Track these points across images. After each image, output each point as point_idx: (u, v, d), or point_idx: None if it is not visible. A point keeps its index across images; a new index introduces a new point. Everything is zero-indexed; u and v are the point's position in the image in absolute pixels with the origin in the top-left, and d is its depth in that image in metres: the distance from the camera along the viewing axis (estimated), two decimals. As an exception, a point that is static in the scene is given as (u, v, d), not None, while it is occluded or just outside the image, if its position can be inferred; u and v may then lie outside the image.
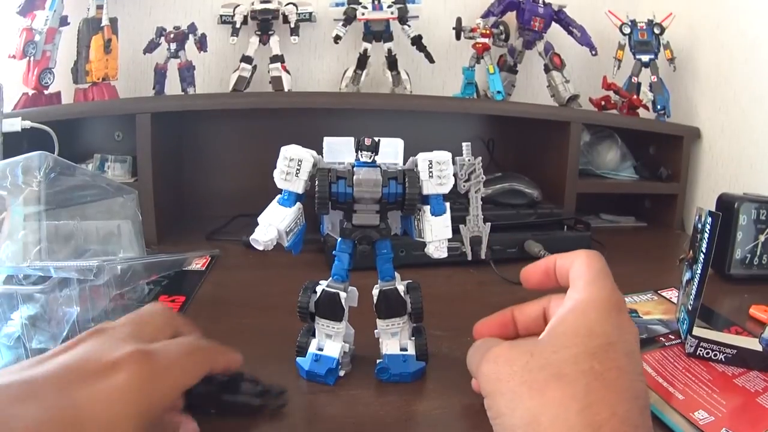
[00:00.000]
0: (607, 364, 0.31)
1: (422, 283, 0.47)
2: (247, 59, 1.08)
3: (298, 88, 1.17)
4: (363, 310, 0.47)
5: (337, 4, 1.10)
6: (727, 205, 0.75)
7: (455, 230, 0.47)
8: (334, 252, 0.46)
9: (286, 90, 1.07)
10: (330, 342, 0.47)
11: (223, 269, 0.77)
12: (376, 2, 1.09)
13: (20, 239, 0.59)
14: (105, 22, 1.00)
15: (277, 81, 1.07)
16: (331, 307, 0.46)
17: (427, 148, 0.45)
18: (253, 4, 1.09)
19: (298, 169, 0.44)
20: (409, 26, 1.12)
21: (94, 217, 0.68)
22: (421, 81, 1.22)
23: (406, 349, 0.47)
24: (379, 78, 1.16)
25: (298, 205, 0.45)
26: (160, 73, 1.08)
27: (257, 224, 0.43)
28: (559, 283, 0.40)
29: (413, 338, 0.48)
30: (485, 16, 1.17)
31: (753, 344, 0.51)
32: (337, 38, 1.09)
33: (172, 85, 1.09)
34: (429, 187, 0.44)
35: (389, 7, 1.10)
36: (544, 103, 1.19)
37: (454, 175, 0.46)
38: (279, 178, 0.44)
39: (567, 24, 1.17)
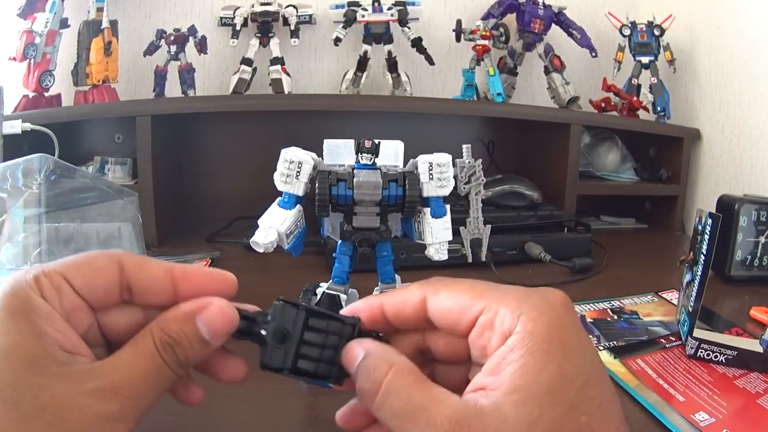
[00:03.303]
0: (591, 407, 0.24)
1: (423, 285, 0.47)
2: (247, 61, 1.08)
3: (298, 90, 1.17)
4: (363, 312, 0.47)
5: (337, 7, 1.10)
6: (727, 207, 0.75)
7: (455, 232, 0.47)
8: (334, 254, 0.46)
9: (286, 92, 1.07)
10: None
11: (224, 271, 0.77)
12: (376, 4, 1.10)
13: (20, 241, 0.59)
14: (105, 24, 1.00)
15: (277, 83, 1.07)
16: (331, 310, 0.46)
17: (427, 151, 0.45)
18: (253, 6, 1.09)
19: (298, 172, 0.44)
20: (409, 28, 1.12)
21: (95, 220, 0.68)
22: (421, 83, 1.22)
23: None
24: (379, 80, 1.16)
25: (299, 207, 0.45)
26: (160, 76, 1.08)
27: (257, 227, 0.43)
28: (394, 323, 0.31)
29: None
30: (485, 18, 1.17)
31: (754, 346, 0.51)
32: (337, 40, 1.09)
33: (172, 88, 1.09)
34: (429, 190, 0.44)
35: (389, 9, 1.10)
36: (544, 105, 1.19)
37: (455, 177, 0.46)
38: (279, 180, 0.44)
39: (567, 26, 1.17)
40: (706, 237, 0.53)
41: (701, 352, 0.51)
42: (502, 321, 0.26)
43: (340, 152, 0.46)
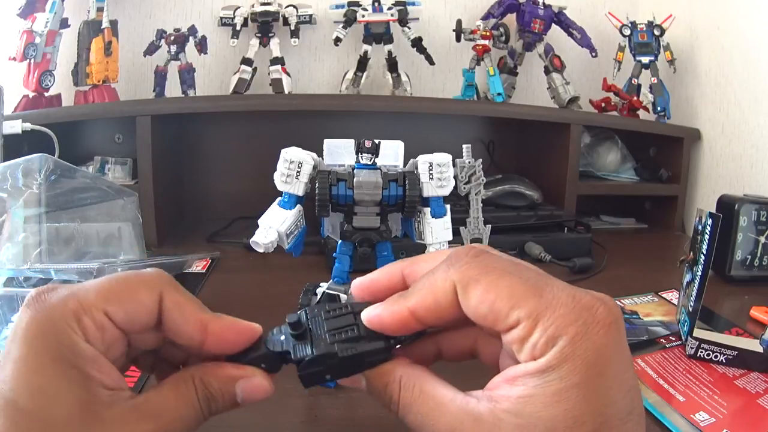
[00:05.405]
0: None
1: (423, 285, 0.47)
2: (247, 61, 1.08)
3: (298, 90, 1.17)
4: (363, 312, 0.47)
5: (337, 7, 1.10)
6: (727, 207, 0.75)
7: (456, 232, 0.47)
8: (334, 254, 0.46)
9: (286, 92, 1.07)
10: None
11: (224, 272, 0.77)
12: (376, 4, 1.10)
13: (21, 241, 0.59)
14: (105, 24, 1.00)
15: (277, 83, 1.07)
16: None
17: (427, 150, 0.45)
18: (253, 6, 1.09)
19: (298, 172, 0.44)
20: (409, 28, 1.12)
21: (95, 220, 0.68)
22: (421, 83, 1.22)
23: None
24: (379, 80, 1.16)
25: (299, 207, 0.45)
26: (160, 76, 1.08)
27: (257, 227, 0.43)
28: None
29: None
30: (485, 18, 1.17)
31: (754, 346, 0.51)
32: (337, 40, 1.09)
33: (173, 88, 1.09)
34: (429, 190, 0.44)
35: (389, 9, 1.10)
36: (544, 105, 1.19)
37: (455, 177, 0.46)
38: (279, 180, 0.44)
39: (567, 26, 1.17)
40: (706, 237, 0.53)
41: (701, 352, 0.51)
42: (534, 345, 0.25)
43: (340, 152, 0.46)
